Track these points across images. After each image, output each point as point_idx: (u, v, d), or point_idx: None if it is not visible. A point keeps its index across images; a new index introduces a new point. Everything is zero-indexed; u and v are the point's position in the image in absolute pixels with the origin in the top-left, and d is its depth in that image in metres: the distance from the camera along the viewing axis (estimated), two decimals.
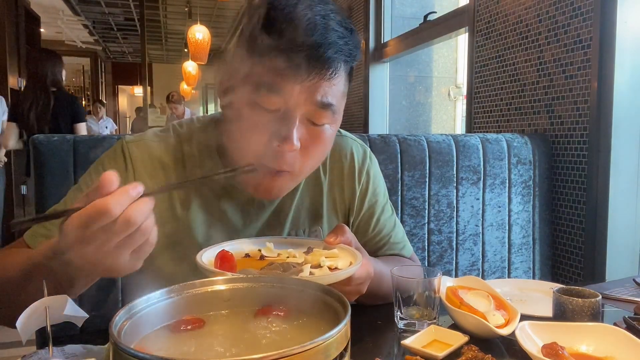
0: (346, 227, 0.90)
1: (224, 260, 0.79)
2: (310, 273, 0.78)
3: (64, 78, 3.69)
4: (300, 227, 1.02)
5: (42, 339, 1.15)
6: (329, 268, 0.81)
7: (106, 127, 7.16)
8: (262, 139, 0.81)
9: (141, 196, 0.60)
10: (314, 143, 0.84)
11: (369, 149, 1.12)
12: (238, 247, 0.88)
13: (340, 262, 0.84)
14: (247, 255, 0.86)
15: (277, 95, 0.78)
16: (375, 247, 1.10)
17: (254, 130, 0.81)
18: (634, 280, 1.21)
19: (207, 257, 0.82)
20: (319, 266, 0.81)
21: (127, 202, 0.59)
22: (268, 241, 0.91)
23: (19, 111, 3.53)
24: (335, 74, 0.80)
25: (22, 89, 3.84)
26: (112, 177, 0.59)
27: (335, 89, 0.82)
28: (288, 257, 0.86)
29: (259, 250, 0.88)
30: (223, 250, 0.82)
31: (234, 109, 0.84)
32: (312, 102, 0.80)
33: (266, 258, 0.85)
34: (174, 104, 6.59)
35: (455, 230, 1.71)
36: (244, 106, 0.81)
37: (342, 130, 1.08)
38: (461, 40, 3.86)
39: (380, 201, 1.10)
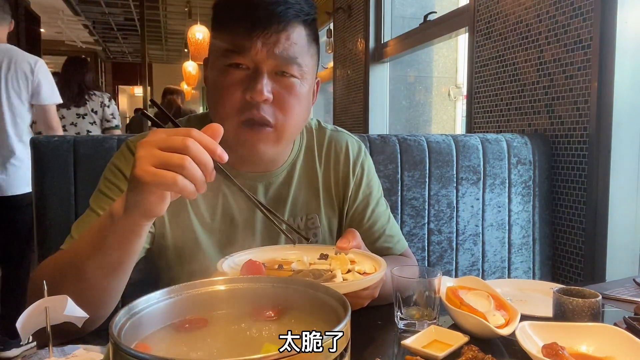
0: (357, 232, 0.93)
1: (252, 270, 0.78)
2: (343, 279, 0.80)
3: (182, 100, 5.76)
4: (298, 214, 1.06)
5: (42, 339, 1.14)
6: (358, 272, 0.82)
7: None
8: (237, 96, 0.89)
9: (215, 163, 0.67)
10: (286, 95, 0.91)
11: (364, 146, 1.16)
12: (249, 257, 0.88)
13: (366, 266, 0.85)
14: (263, 265, 0.85)
15: (241, 54, 0.88)
16: (370, 239, 1.12)
17: (229, 90, 0.90)
18: (634, 280, 1.21)
19: (227, 266, 0.82)
20: (348, 271, 0.83)
21: (207, 142, 0.65)
22: (274, 249, 0.93)
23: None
24: (288, 27, 0.89)
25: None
26: (219, 129, 0.68)
27: (297, 47, 0.90)
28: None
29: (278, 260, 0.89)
30: (250, 260, 0.81)
31: (211, 80, 0.94)
32: (275, 55, 0.88)
33: (284, 268, 0.85)
34: None
35: (455, 230, 1.71)
36: (218, 74, 0.91)
37: (338, 127, 1.15)
38: (461, 40, 3.86)
39: (374, 194, 1.14)
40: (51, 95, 2.59)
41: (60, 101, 2.72)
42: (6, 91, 2.46)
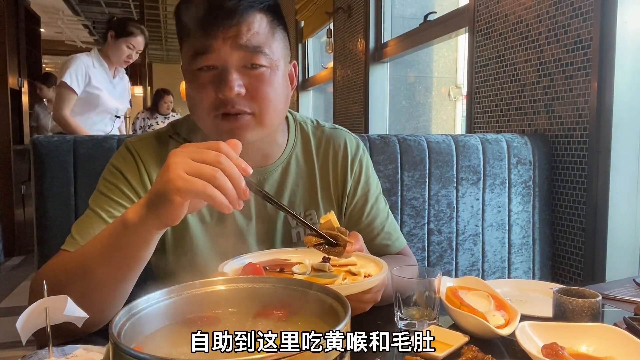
0: (359, 235, 0.93)
1: (252, 273, 0.78)
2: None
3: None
4: (296, 210, 1.07)
5: (42, 339, 1.14)
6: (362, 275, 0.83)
7: None
8: (211, 95, 0.91)
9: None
10: (258, 86, 0.92)
11: (362, 143, 1.16)
12: (249, 260, 0.88)
13: (370, 269, 0.85)
14: (265, 269, 0.85)
15: (206, 55, 0.89)
16: (369, 236, 1.12)
17: (203, 91, 0.91)
18: (634, 280, 1.21)
19: (227, 270, 0.82)
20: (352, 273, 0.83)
21: (233, 157, 0.69)
22: (278, 252, 0.93)
23: None
24: (246, 19, 0.89)
25: None
26: (238, 145, 0.72)
27: (260, 36, 0.91)
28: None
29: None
30: (250, 263, 0.82)
31: (187, 85, 0.95)
32: (239, 49, 0.89)
33: (286, 270, 0.85)
34: None
35: (455, 230, 1.71)
36: (190, 79, 0.93)
37: (336, 125, 1.16)
38: (461, 40, 3.86)
39: (373, 191, 1.14)
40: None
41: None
42: None
